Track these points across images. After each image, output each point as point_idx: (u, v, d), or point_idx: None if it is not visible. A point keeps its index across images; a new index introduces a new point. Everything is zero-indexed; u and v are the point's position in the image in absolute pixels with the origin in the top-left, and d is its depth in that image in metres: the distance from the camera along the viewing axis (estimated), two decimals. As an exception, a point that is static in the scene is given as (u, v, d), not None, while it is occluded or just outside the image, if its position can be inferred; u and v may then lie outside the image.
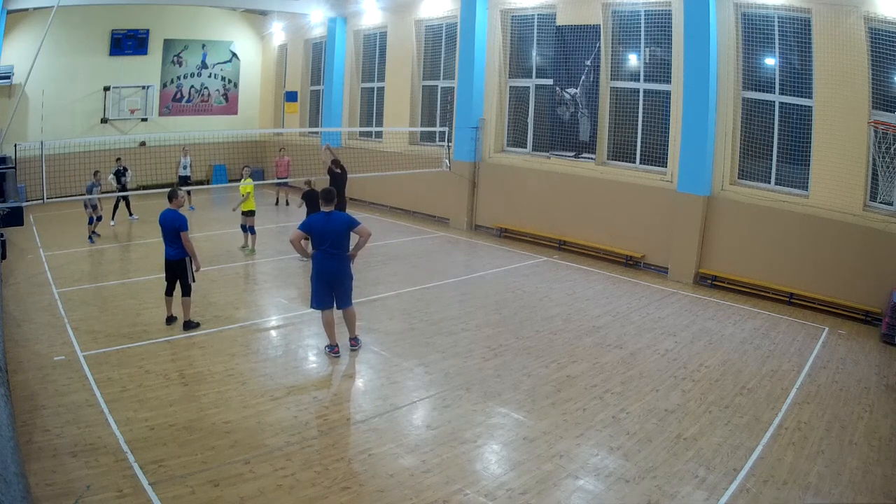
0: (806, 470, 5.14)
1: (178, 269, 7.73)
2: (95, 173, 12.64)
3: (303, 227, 6.94)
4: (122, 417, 5.47)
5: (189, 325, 7.75)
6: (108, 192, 14.72)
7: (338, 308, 7.10)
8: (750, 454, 5.33)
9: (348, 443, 5.31)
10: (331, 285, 6.94)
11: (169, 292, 7.91)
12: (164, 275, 7.89)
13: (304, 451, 5.12)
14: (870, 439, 5.73)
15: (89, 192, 12.47)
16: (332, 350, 7.11)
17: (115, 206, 14.43)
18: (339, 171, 11.35)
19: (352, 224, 6.86)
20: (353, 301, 7.19)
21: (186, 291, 7.78)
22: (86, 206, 12.53)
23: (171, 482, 4.58)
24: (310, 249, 6.97)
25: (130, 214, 14.58)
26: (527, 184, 13.80)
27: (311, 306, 7.14)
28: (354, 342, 7.31)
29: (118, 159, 14.39)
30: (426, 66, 16.78)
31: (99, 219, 12.76)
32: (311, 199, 11.27)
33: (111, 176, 14.03)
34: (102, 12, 17.94)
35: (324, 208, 6.90)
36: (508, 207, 14.25)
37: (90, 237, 12.56)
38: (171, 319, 7.90)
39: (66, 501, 4.25)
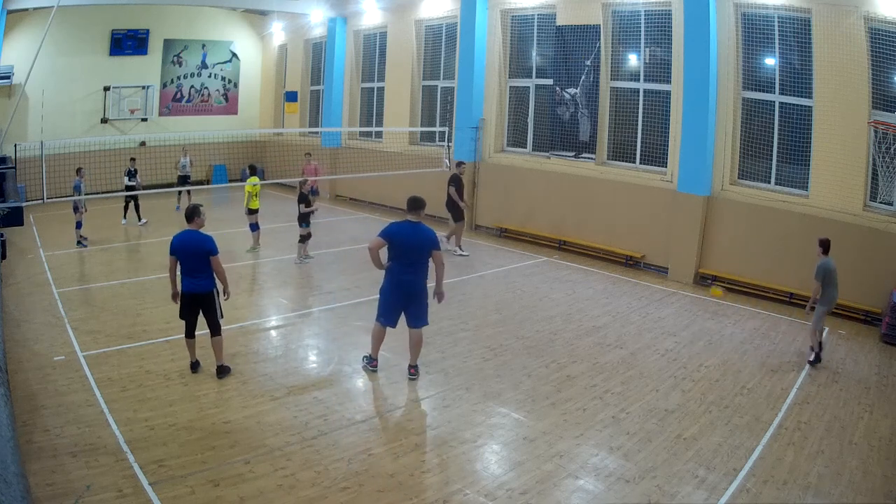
0: (806, 470, 5.14)
1: (206, 304, 6.34)
2: (79, 170, 12.23)
3: (383, 234, 6.20)
4: (122, 417, 5.47)
5: (223, 371, 6.44)
6: (92, 192, 14.51)
7: (411, 327, 6.48)
8: (750, 454, 5.33)
9: (348, 443, 5.30)
10: (407, 300, 6.36)
11: (190, 333, 6.46)
12: (181, 313, 6.43)
13: (303, 451, 5.12)
14: (870, 439, 5.73)
15: (77, 190, 12.01)
16: (372, 363, 6.67)
17: (126, 207, 14.17)
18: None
19: (435, 244, 6.25)
20: (427, 320, 6.57)
21: (217, 329, 6.42)
22: (76, 208, 11.84)
23: (171, 482, 4.58)
24: (384, 260, 6.38)
25: (124, 218, 14.22)
26: (527, 184, 13.79)
27: (378, 320, 6.52)
28: (414, 371, 6.59)
29: (132, 159, 14.10)
30: (426, 66, 16.78)
31: (78, 225, 12.01)
32: (302, 201, 11.15)
33: (125, 177, 13.83)
34: (102, 12, 17.94)
35: (410, 217, 6.29)
36: (508, 207, 14.24)
37: (79, 242, 11.95)
38: (196, 366, 6.53)
39: (66, 501, 4.25)
